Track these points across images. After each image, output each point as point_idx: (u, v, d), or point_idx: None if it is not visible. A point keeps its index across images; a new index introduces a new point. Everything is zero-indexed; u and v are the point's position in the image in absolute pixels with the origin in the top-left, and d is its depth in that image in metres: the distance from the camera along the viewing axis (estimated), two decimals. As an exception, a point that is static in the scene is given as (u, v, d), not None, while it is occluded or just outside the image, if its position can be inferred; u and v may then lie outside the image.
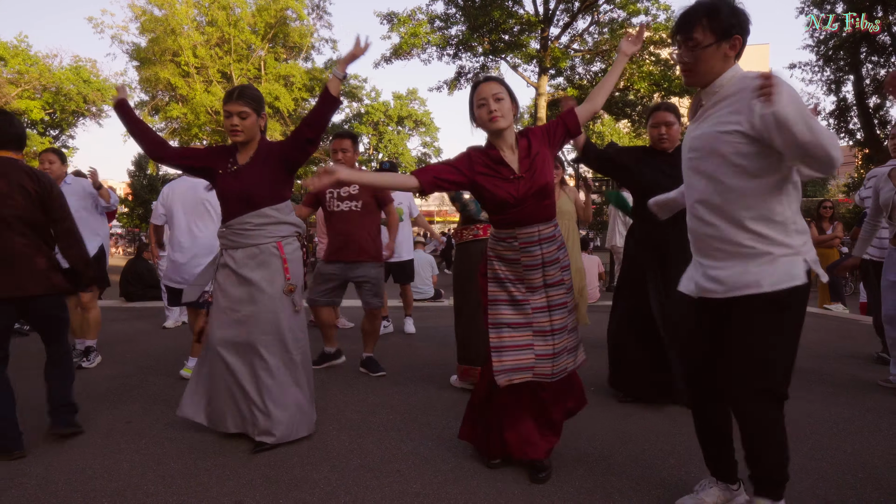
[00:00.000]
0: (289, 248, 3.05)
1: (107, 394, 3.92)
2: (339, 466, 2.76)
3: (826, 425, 3.33)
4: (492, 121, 2.50)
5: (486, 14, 18.47)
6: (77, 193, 4.73)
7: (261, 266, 2.97)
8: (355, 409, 3.63)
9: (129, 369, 4.60)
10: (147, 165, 31.20)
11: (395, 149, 33.79)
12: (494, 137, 2.57)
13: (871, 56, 20.20)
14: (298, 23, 27.77)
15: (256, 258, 2.97)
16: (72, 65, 27.52)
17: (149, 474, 2.67)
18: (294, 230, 3.09)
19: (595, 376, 4.45)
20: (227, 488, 2.54)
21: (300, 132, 2.99)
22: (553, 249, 2.60)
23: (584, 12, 19.25)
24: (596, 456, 2.88)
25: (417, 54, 20.48)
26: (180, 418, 3.16)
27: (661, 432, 3.22)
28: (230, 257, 3.00)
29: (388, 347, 5.47)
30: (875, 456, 2.90)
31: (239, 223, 2.97)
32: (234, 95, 2.97)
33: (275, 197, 3.02)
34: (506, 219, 2.57)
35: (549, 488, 2.53)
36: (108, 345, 5.43)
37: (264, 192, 2.98)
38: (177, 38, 24.56)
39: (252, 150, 3.05)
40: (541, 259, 2.57)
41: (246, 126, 2.97)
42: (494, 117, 2.49)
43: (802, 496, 2.44)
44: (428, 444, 3.04)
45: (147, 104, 27.79)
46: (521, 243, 2.56)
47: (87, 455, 2.89)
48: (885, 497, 2.47)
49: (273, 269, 2.98)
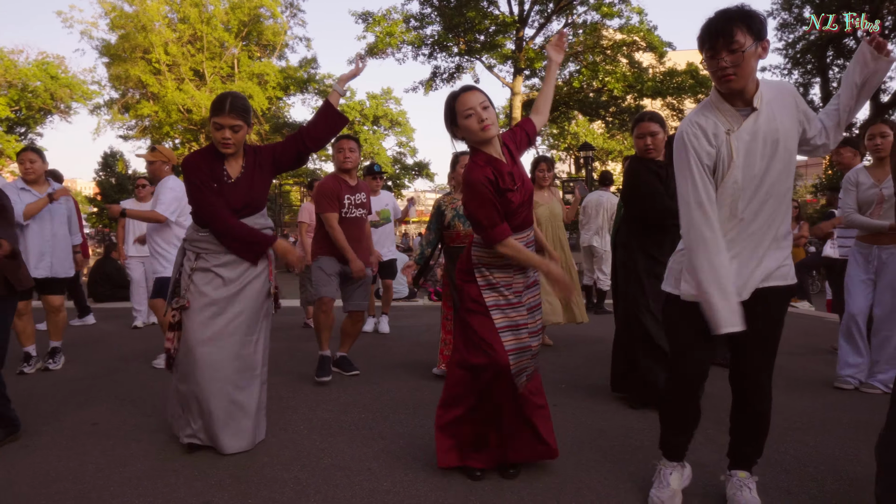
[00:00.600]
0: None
1: (72, 395, 3.85)
2: (309, 465, 2.75)
3: (789, 419, 3.40)
4: (484, 130, 2.44)
5: (461, 14, 18.53)
6: (63, 215, 4.72)
7: (246, 270, 2.96)
8: (327, 407, 3.61)
9: (96, 370, 4.52)
10: (116, 164, 30.62)
11: (370, 148, 33.60)
12: (484, 146, 2.52)
13: (837, 60, 20.70)
14: (272, 21, 27.50)
15: (242, 262, 2.96)
16: (38, 60, 26.89)
17: (115, 476, 2.63)
18: (272, 232, 3.08)
19: (565, 372, 4.49)
20: (195, 489, 2.51)
21: (300, 143, 3.01)
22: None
23: (558, 14, 19.40)
24: (566, 452, 2.90)
25: (392, 53, 20.46)
26: (145, 419, 3.12)
27: (630, 428, 3.26)
28: (213, 262, 2.92)
29: (361, 346, 5.45)
30: (836, 448, 2.98)
31: None
32: (225, 108, 2.83)
33: (265, 202, 3.08)
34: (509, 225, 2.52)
35: (520, 484, 2.55)
36: (74, 346, 5.34)
37: (262, 200, 3.04)
38: (148, 35, 24.13)
39: (240, 158, 2.98)
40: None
41: (238, 139, 2.89)
42: (486, 126, 2.44)
43: (767, 488, 2.49)
44: (399, 442, 3.05)
45: (117, 102, 27.28)
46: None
47: (51, 457, 2.84)
48: (845, 487, 2.54)
49: (259, 269, 3.00)
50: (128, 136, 28.56)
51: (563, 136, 29.88)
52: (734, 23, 2.00)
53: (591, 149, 15.57)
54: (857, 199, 4.04)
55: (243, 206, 2.94)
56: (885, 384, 3.97)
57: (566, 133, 29.19)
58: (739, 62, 2.01)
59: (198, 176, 2.86)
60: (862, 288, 4.08)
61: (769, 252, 2.20)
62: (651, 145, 3.59)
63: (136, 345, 5.51)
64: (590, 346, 5.57)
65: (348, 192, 4.35)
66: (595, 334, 6.05)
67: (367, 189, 4.60)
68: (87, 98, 27.56)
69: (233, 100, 2.87)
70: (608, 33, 19.96)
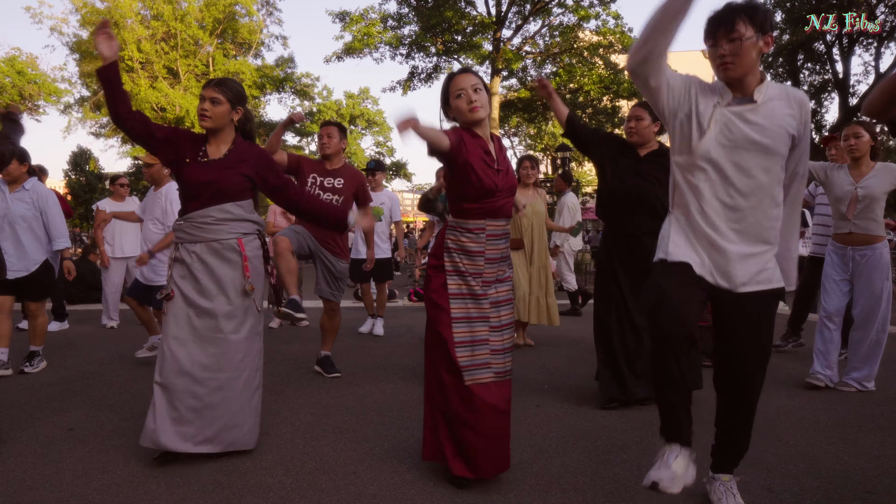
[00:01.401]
0: (250, 245, 2.94)
1: (48, 400, 3.76)
2: (293, 470, 2.72)
3: (768, 418, 3.45)
4: (472, 111, 2.52)
5: (438, 14, 18.52)
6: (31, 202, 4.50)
7: (221, 262, 2.86)
8: (310, 411, 3.58)
9: (72, 374, 4.42)
10: (88, 163, 30.04)
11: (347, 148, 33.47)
12: (474, 127, 2.58)
13: (808, 63, 21.15)
14: (248, 18, 27.21)
15: (217, 253, 2.85)
16: (4, 57, 26.25)
17: (93, 483, 2.57)
18: (256, 228, 3.00)
19: (546, 373, 4.51)
20: (176, 496, 2.46)
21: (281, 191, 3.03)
22: (507, 246, 2.69)
23: (535, 15, 19.48)
24: (551, 453, 2.92)
25: (370, 53, 20.38)
26: (124, 423, 3.04)
27: (613, 429, 3.28)
28: (187, 252, 2.86)
29: (342, 348, 5.42)
30: (814, 447, 3.04)
31: (200, 216, 2.84)
32: (213, 82, 2.91)
33: (243, 195, 2.94)
34: (482, 209, 2.56)
35: (506, 486, 2.55)
36: (48, 349, 5.21)
37: (234, 190, 2.89)
38: (120, 32, 23.68)
39: (226, 145, 2.94)
40: (500, 254, 2.62)
41: (215, 113, 2.85)
42: (475, 107, 2.51)
43: (749, 486, 2.53)
44: (384, 445, 3.03)
45: (88, 100, 26.73)
46: (489, 235, 2.58)
47: (26, 464, 2.76)
48: (825, 485, 2.59)
49: (234, 265, 2.88)
50: (99, 134, 28.03)
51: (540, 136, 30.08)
52: (737, 13, 2.06)
53: (568, 150, 15.63)
54: (831, 196, 4.14)
55: (211, 190, 2.83)
56: (860, 382, 4.05)
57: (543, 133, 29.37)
58: (738, 51, 2.05)
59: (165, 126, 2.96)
60: (837, 287, 4.15)
61: (747, 258, 2.16)
62: (634, 128, 3.63)
63: (110, 347, 5.40)
64: (570, 346, 5.60)
65: (316, 172, 4.29)
66: (575, 335, 6.09)
67: (353, 179, 4.39)
68: (56, 96, 26.98)
69: (224, 79, 2.95)
70: (584, 35, 20.12)
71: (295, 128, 32.85)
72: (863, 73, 20.74)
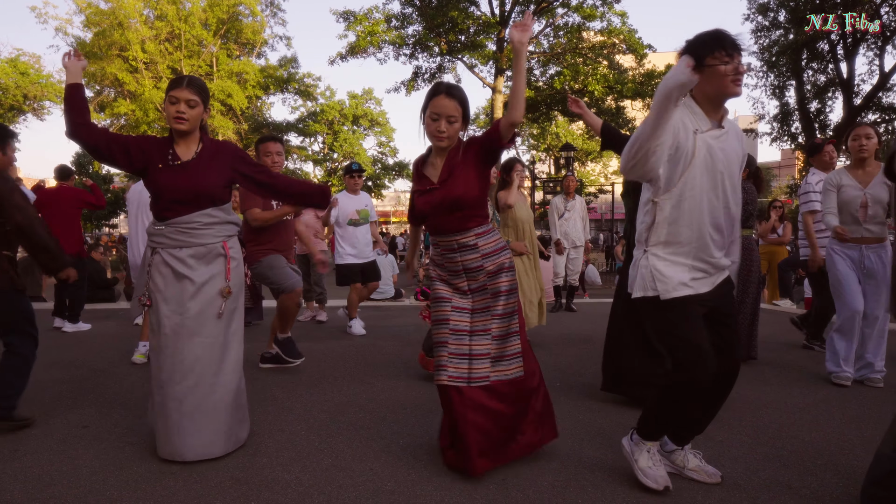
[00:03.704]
0: (233, 248, 2.94)
1: (60, 398, 3.75)
2: (310, 466, 2.71)
3: (784, 414, 3.45)
4: (437, 140, 2.66)
5: (442, 14, 18.54)
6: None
7: (208, 265, 2.84)
8: (322, 408, 3.57)
9: (83, 373, 4.42)
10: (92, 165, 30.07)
11: (350, 148, 33.44)
12: (434, 147, 2.74)
13: (812, 62, 21.07)
14: (251, 19, 27.25)
15: (204, 258, 2.84)
16: (8, 58, 26.28)
17: (111, 479, 2.57)
18: (236, 229, 3.00)
19: (558, 371, 4.51)
20: (194, 491, 2.46)
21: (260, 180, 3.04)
22: (475, 257, 2.67)
23: (539, 15, 19.48)
24: (568, 450, 2.91)
25: (373, 53, 20.40)
26: (137, 421, 3.04)
27: (628, 425, 3.25)
28: (171, 257, 2.81)
29: (351, 347, 5.42)
30: (830, 443, 3.03)
31: (186, 222, 2.81)
32: (183, 82, 2.84)
33: (223, 197, 2.92)
34: (428, 227, 2.82)
35: (524, 483, 2.55)
36: (57, 348, 5.23)
37: (215, 192, 2.86)
38: (124, 33, 23.75)
39: (193, 144, 2.89)
40: (461, 266, 2.69)
41: (192, 115, 2.82)
42: (441, 137, 2.64)
43: (769, 483, 2.52)
44: (399, 441, 3.02)
45: (92, 100, 26.79)
46: (442, 250, 2.73)
47: (42, 461, 2.76)
48: (843, 481, 2.57)
49: (218, 268, 2.86)
50: (103, 135, 28.03)
51: (543, 136, 30.08)
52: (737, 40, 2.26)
53: (572, 149, 15.66)
54: (837, 201, 4.08)
55: (193, 195, 2.79)
56: (880, 372, 4.11)
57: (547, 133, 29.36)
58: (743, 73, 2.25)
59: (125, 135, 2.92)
60: (858, 286, 4.11)
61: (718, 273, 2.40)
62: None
63: (119, 346, 5.40)
64: (579, 345, 5.60)
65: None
66: (584, 333, 6.09)
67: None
68: (59, 96, 26.99)
69: (190, 78, 2.91)
70: (588, 35, 20.11)
71: (298, 128, 32.93)
72: (867, 73, 20.63)
